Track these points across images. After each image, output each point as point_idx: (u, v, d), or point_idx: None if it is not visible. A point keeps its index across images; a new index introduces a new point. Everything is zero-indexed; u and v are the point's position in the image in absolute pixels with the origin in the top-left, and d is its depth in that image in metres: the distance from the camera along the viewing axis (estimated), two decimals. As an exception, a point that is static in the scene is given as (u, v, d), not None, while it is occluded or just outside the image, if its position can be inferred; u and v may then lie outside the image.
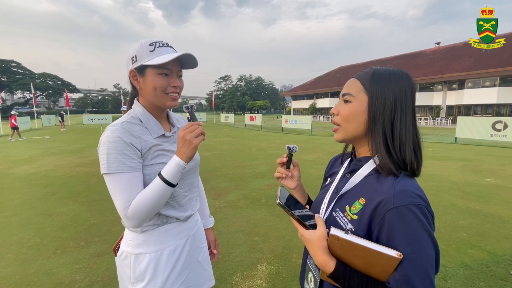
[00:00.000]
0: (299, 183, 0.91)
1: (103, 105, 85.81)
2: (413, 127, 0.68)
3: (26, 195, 4.68)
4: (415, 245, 0.56)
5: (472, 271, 2.45)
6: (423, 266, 0.55)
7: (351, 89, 0.71)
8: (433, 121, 27.65)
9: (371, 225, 0.62)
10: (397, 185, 0.61)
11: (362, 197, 0.66)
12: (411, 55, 36.93)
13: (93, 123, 27.42)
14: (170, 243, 0.99)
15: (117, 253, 1.02)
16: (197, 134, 0.84)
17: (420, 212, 0.57)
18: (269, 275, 2.43)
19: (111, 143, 0.84)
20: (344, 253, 0.61)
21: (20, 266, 2.56)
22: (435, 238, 0.58)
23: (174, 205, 0.99)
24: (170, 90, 0.92)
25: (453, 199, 4.36)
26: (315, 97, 45.62)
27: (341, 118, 0.72)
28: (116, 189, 0.83)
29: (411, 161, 0.65)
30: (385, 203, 0.60)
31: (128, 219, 0.84)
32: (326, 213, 0.74)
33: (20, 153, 9.34)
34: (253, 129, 20.59)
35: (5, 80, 50.48)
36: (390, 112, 0.66)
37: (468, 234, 3.16)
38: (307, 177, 5.65)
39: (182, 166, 0.85)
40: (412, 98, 0.68)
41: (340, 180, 0.77)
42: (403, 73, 0.69)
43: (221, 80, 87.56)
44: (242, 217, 3.68)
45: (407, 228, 0.57)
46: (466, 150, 9.47)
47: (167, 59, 0.86)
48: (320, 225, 0.67)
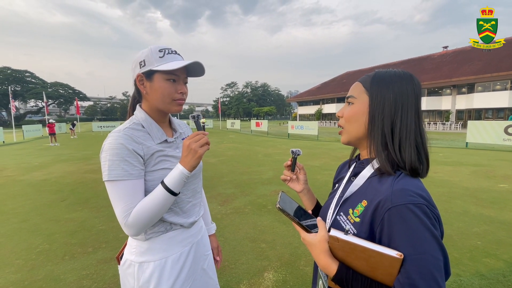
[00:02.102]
0: (306, 186, 0.92)
1: (112, 112, 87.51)
2: (417, 127, 0.66)
3: (36, 201, 4.76)
4: (416, 245, 0.53)
5: (488, 280, 2.35)
6: (427, 268, 0.52)
7: (354, 92, 0.73)
8: (443, 126, 27.14)
9: (373, 227, 0.61)
10: (396, 184, 0.60)
11: (364, 199, 0.65)
12: (418, 59, 36.62)
13: (102, 130, 27.98)
14: (174, 251, 0.97)
15: (121, 262, 1.00)
16: (202, 144, 0.85)
17: (420, 211, 0.55)
18: (276, 283, 2.38)
19: (114, 150, 0.84)
20: (346, 255, 0.60)
21: (29, 272, 2.59)
22: (440, 239, 0.55)
23: (177, 211, 0.98)
24: (178, 96, 0.93)
25: (465, 205, 4.23)
26: (321, 103, 45.52)
27: (345, 120, 0.74)
28: (117, 196, 0.83)
29: (412, 160, 0.63)
30: (384, 203, 0.58)
31: (128, 227, 0.83)
32: (332, 218, 0.73)
33: (32, 160, 9.56)
34: (259, 135, 20.61)
35: (19, 89, 52.26)
36: (389, 112, 0.66)
37: (482, 242, 3.05)
38: (314, 183, 5.59)
39: (185, 175, 0.85)
40: (414, 97, 0.66)
41: (345, 184, 0.77)
42: (405, 74, 0.68)
43: (228, 87, 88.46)
44: (249, 224, 3.65)
45: (406, 228, 0.54)
46: (478, 155, 9.23)
47: (178, 65, 0.87)
48: (321, 228, 0.66)
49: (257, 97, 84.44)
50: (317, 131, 16.88)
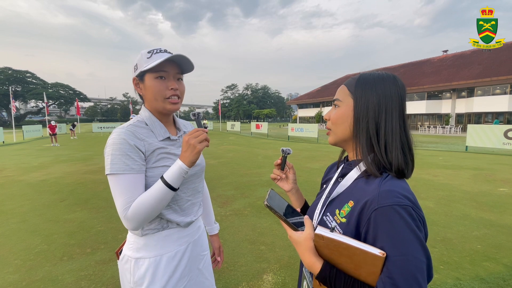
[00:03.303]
0: (295, 186, 0.93)
1: (112, 113, 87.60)
2: (401, 128, 0.67)
3: (35, 202, 4.75)
4: (400, 246, 0.53)
5: (488, 284, 2.34)
6: (410, 270, 0.52)
7: (339, 95, 0.74)
8: (442, 129, 27.18)
9: (359, 227, 0.61)
10: (383, 185, 0.60)
11: (351, 200, 0.66)
12: (418, 63, 36.71)
13: (102, 131, 27.99)
14: (170, 249, 0.98)
15: (119, 257, 1.03)
16: (201, 140, 0.85)
17: (406, 212, 0.55)
18: (275, 285, 2.37)
19: (116, 145, 0.87)
20: (331, 253, 0.60)
21: (27, 272, 2.57)
22: (423, 241, 0.55)
23: (176, 209, 0.99)
24: (169, 93, 0.94)
25: (465, 209, 4.22)
26: (321, 105, 45.62)
27: (331, 122, 0.75)
28: (118, 189, 0.85)
29: (399, 162, 0.64)
30: (370, 203, 0.59)
31: (128, 220, 0.85)
32: (318, 218, 0.74)
33: (31, 160, 9.56)
34: (259, 137, 20.62)
35: (20, 90, 52.36)
36: (373, 114, 0.67)
37: (482, 245, 3.04)
38: (313, 185, 5.58)
39: (184, 170, 0.85)
40: (398, 99, 0.67)
41: (333, 185, 0.78)
42: (389, 76, 0.69)
43: (228, 89, 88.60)
44: (248, 226, 3.64)
45: (391, 229, 0.55)
46: (478, 159, 9.23)
47: (159, 60, 0.89)
48: (308, 226, 0.67)
49: (258, 99, 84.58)
50: (317, 134, 16.90)
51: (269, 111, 71.47)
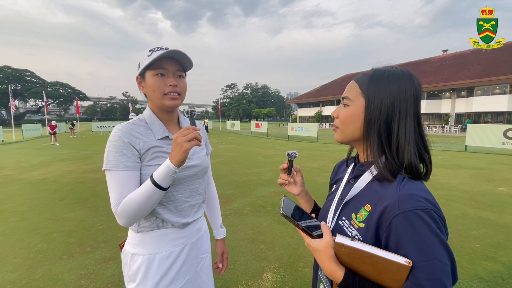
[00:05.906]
0: (303, 189, 0.89)
1: (112, 112, 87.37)
2: (416, 130, 0.64)
3: (34, 201, 4.75)
4: (426, 252, 0.53)
5: (487, 283, 2.35)
6: (437, 274, 0.52)
7: (349, 93, 0.70)
8: (442, 129, 27.19)
9: (379, 232, 0.60)
10: (402, 189, 0.58)
11: (367, 204, 0.64)
12: (418, 62, 36.69)
13: (101, 130, 27.93)
14: (164, 249, 0.97)
15: (122, 250, 1.05)
16: (189, 139, 0.81)
17: (429, 216, 0.54)
18: (275, 284, 2.38)
19: (113, 142, 0.89)
20: (352, 260, 0.59)
21: (27, 271, 2.58)
22: (447, 244, 0.55)
23: (172, 209, 0.97)
24: (168, 89, 0.93)
25: (464, 208, 4.23)
26: (321, 105, 45.56)
27: (340, 121, 0.72)
28: (111, 185, 0.87)
29: (413, 164, 0.61)
30: (391, 208, 0.57)
31: (118, 216, 0.86)
32: (333, 222, 0.72)
33: (31, 159, 9.54)
34: (259, 136, 20.61)
35: (19, 88, 52.25)
36: (386, 116, 0.63)
37: (481, 244, 3.05)
38: (314, 185, 5.59)
39: (172, 169, 0.83)
40: (414, 99, 0.64)
41: (345, 186, 0.75)
42: (404, 73, 0.65)
43: (228, 88, 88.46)
44: (248, 225, 3.65)
45: (415, 234, 0.54)
46: (477, 158, 9.24)
47: (156, 56, 0.89)
48: (326, 234, 0.65)
49: (257, 99, 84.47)
50: (317, 133, 16.90)
51: (269, 111, 71.41)
